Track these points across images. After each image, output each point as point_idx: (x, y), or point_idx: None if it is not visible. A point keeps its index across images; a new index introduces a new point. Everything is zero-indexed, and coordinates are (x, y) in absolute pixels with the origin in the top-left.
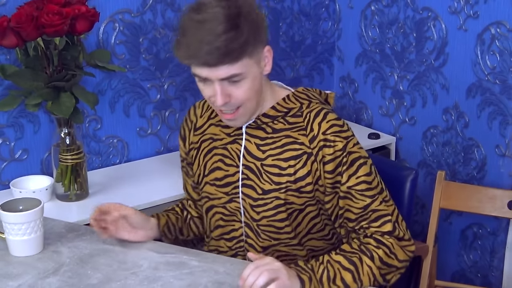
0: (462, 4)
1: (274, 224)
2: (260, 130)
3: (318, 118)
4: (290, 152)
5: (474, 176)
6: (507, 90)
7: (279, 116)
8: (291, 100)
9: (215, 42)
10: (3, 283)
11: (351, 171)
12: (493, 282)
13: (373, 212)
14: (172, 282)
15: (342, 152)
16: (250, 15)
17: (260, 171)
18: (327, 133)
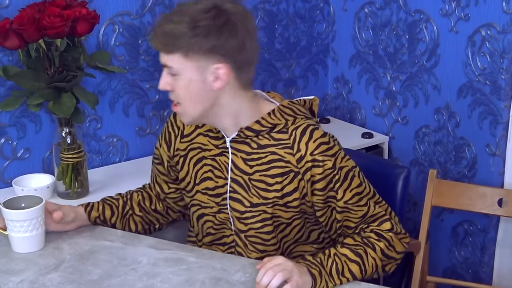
0: (453, 7)
1: (261, 236)
2: (245, 144)
3: (305, 137)
4: (276, 169)
5: (465, 174)
6: (497, 90)
7: (263, 131)
8: (276, 116)
9: (164, 27)
10: (5, 279)
11: (345, 185)
12: (484, 278)
13: (371, 217)
14: (171, 277)
15: (332, 170)
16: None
17: (248, 185)
18: (315, 153)
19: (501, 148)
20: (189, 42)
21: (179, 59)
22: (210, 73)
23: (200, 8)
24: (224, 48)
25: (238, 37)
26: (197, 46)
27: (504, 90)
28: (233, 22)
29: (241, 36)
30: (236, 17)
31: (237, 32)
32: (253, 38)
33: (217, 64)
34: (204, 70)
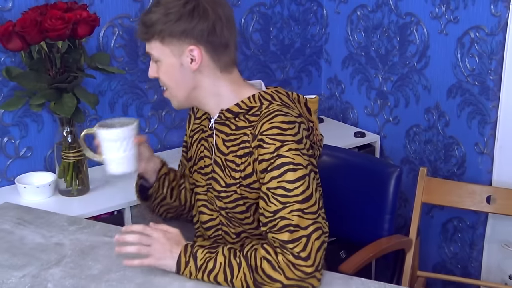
0: (443, 10)
1: (235, 216)
2: (225, 126)
3: (266, 118)
4: (243, 149)
5: (454, 172)
6: (485, 91)
7: (240, 113)
8: (254, 100)
9: (141, 18)
10: (8, 274)
11: (275, 173)
12: (472, 272)
13: (280, 220)
14: (169, 272)
15: (272, 155)
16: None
17: (224, 165)
18: (264, 133)
19: (489, 147)
20: (162, 28)
21: (156, 45)
22: (185, 56)
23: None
24: (194, 31)
25: (208, 21)
26: (168, 30)
27: (492, 90)
28: (203, 7)
29: (211, 20)
30: (206, 2)
31: (207, 16)
32: (226, 24)
33: (190, 46)
34: (180, 54)
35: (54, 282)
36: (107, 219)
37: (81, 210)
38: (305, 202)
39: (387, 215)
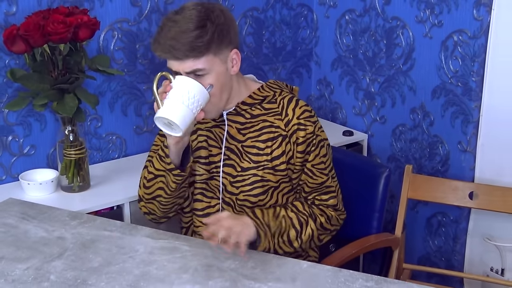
0: (428, 14)
1: (249, 198)
2: (240, 116)
3: (292, 104)
4: (267, 134)
5: (438, 169)
6: (468, 92)
7: (256, 103)
8: (265, 90)
9: (182, 39)
10: (12, 266)
11: (316, 151)
12: (456, 265)
13: (326, 188)
14: (166, 265)
15: (312, 135)
16: (218, 19)
17: (241, 152)
18: (301, 118)
19: (472, 145)
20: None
21: (210, 59)
22: (229, 61)
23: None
24: (233, 35)
25: (234, 24)
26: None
27: (474, 91)
28: (225, 13)
29: (233, 22)
30: (221, 9)
31: (228, 17)
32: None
33: (232, 51)
34: (225, 60)
35: (56, 274)
36: (107, 214)
37: (82, 206)
38: (332, 169)
39: (376, 213)
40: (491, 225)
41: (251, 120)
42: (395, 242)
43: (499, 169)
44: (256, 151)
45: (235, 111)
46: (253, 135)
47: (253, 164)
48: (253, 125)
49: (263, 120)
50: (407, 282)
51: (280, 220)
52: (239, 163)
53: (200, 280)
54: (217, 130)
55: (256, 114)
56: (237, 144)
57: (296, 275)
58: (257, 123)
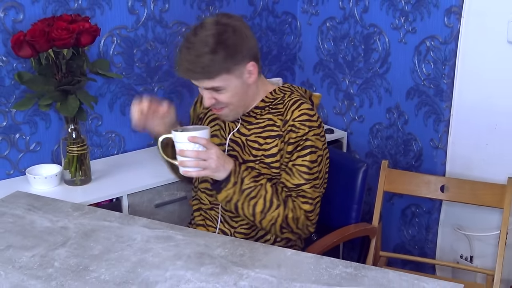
0: (402, 21)
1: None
2: (252, 117)
3: (294, 106)
4: (268, 132)
5: (412, 164)
6: (439, 93)
7: (266, 106)
8: (276, 93)
9: (194, 63)
10: (19, 254)
11: (301, 153)
12: (428, 253)
13: (302, 191)
14: (161, 253)
15: (301, 137)
16: (229, 40)
17: (244, 144)
18: (296, 120)
19: (443, 142)
20: (230, 63)
21: (225, 77)
22: (245, 74)
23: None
24: (246, 51)
25: (249, 38)
26: (233, 62)
27: (445, 92)
28: (238, 32)
29: (249, 36)
30: (236, 24)
31: (247, 34)
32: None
33: (248, 65)
34: (242, 74)
35: (60, 261)
36: (107, 205)
37: (84, 198)
38: (318, 179)
39: (354, 205)
40: (461, 215)
41: (259, 119)
42: (372, 232)
43: (468, 164)
44: (257, 146)
45: (248, 114)
46: (257, 131)
47: (252, 158)
48: (259, 122)
49: (268, 118)
50: (384, 269)
51: (257, 185)
52: (242, 155)
53: (193, 267)
54: (231, 124)
55: (265, 114)
56: (242, 137)
57: (281, 262)
58: (263, 121)
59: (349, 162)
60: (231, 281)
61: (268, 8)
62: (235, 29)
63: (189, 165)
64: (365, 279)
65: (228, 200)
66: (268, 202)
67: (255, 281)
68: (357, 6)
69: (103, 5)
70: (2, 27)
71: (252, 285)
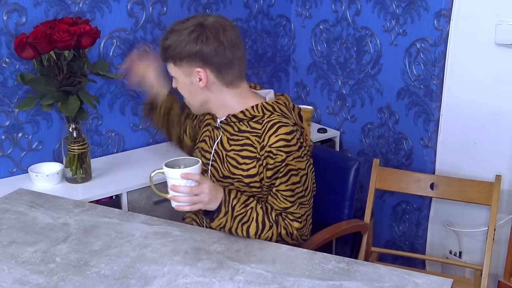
0: (393, 24)
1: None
2: (229, 126)
3: (271, 131)
4: (247, 152)
5: (403, 163)
6: (429, 93)
7: (244, 120)
8: (257, 109)
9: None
10: (22, 249)
11: (283, 179)
12: (418, 248)
13: (290, 214)
14: (159, 248)
15: (280, 164)
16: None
17: (224, 159)
18: (273, 146)
19: (432, 141)
20: (173, 53)
21: (171, 67)
22: (194, 76)
23: (185, 26)
24: (199, 55)
25: (211, 46)
26: (178, 55)
27: (435, 93)
28: (206, 34)
29: (213, 45)
30: (210, 30)
31: (210, 42)
32: (229, 47)
33: (197, 69)
34: (190, 74)
35: (61, 256)
36: (107, 202)
37: (85, 195)
38: (304, 197)
39: (346, 202)
40: (450, 212)
41: (238, 134)
42: (364, 228)
43: (457, 163)
44: (235, 164)
45: (226, 121)
46: (236, 148)
47: (230, 175)
48: (238, 139)
49: (246, 137)
50: (375, 264)
51: (247, 209)
52: (221, 169)
53: (190, 262)
54: (216, 132)
55: (243, 129)
56: (223, 151)
57: (276, 257)
58: (242, 139)
59: (341, 160)
60: (227, 276)
61: (263, 11)
62: (202, 33)
63: (182, 200)
64: (357, 274)
65: (221, 226)
66: (260, 224)
67: (250, 275)
68: (349, 9)
69: (103, 8)
70: (5, 30)
71: (247, 279)
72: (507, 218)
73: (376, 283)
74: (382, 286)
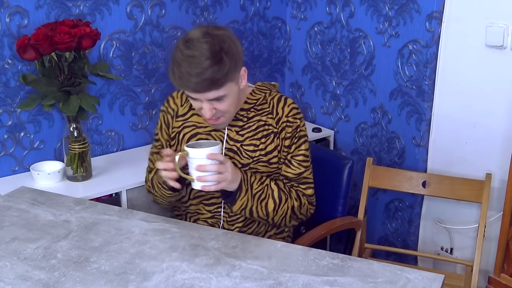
0: (386, 26)
1: None
2: (239, 121)
3: (281, 103)
4: (262, 132)
5: (395, 161)
6: (421, 94)
7: (251, 107)
8: (256, 93)
9: (202, 75)
10: (24, 246)
11: (298, 144)
12: (411, 245)
13: (304, 178)
14: (158, 244)
15: (296, 130)
16: (231, 49)
17: (240, 150)
18: (289, 115)
19: (424, 140)
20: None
21: (229, 85)
22: (240, 78)
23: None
24: (242, 58)
25: (238, 46)
26: (236, 70)
27: (427, 93)
28: (234, 41)
29: (238, 44)
30: (230, 37)
31: (236, 43)
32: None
33: (241, 70)
34: (239, 79)
35: (63, 252)
36: (107, 200)
37: (85, 193)
38: (311, 164)
39: (341, 199)
40: (442, 210)
41: (248, 122)
42: (358, 224)
43: (448, 161)
44: (253, 148)
45: (235, 118)
46: (250, 135)
47: (251, 160)
48: (250, 126)
49: (258, 120)
50: (368, 260)
51: (263, 186)
52: (240, 160)
53: (188, 258)
54: (217, 134)
55: (251, 116)
56: (237, 144)
57: (272, 253)
58: (253, 124)
59: (335, 159)
60: (224, 272)
61: (259, 13)
62: (231, 38)
63: (209, 179)
64: (351, 269)
65: (243, 208)
66: (277, 199)
67: (247, 271)
68: (343, 11)
69: (103, 10)
70: (8, 32)
71: (244, 275)
72: (497, 216)
73: (369, 278)
74: (375, 282)
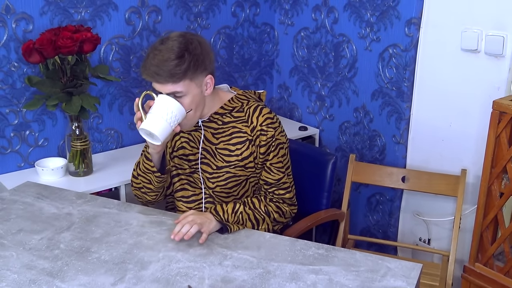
0: (368, 31)
1: (224, 190)
2: (213, 122)
3: (256, 113)
4: (236, 138)
5: (377, 158)
6: (401, 94)
7: (226, 112)
8: (234, 101)
9: (162, 66)
10: (29, 237)
11: (275, 152)
12: (391, 236)
13: (283, 184)
14: (155, 236)
15: (271, 139)
16: (195, 50)
17: (215, 153)
18: (263, 124)
19: (404, 138)
20: (192, 70)
21: (187, 83)
22: (203, 85)
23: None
24: (208, 64)
25: (209, 54)
26: (195, 70)
27: (406, 94)
28: (202, 44)
29: (211, 52)
30: (199, 40)
31: (204, 48)
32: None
33: (206, 76)
34: (202, 83)
35: (65, 243)
36: (107, 194)
37: (86, 187)
38: (289, 168)
39: (325, 193)
40: (420, 203)
41: (223, 126)
42: (341, 216)
43: (426, 158)
44: (227, 153)
45: (209, 120)
46: (225, 139)
47: (225, 164)
48: (225, 131)
49: (233, 126)
50: (351, 250)
51: (238, 215)
52: (214, 162)
53: (183, 248)
54: (195, 134)
55: (227, 121)
56: (212, 146)
57: (261, 244)
58: (228, 129)
59: (320, 155)
60: (217, 261)
61: (249, 19)
62: (200, 42)
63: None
64: (335, 259)
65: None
66: (253, 221)
67: (237, 261)
68: (328, 18)
69: (103, 16)
70: (14, 37)
71: (235, 264)
72: (472, 209)
73: (352, 267)
74: (358, 270)
